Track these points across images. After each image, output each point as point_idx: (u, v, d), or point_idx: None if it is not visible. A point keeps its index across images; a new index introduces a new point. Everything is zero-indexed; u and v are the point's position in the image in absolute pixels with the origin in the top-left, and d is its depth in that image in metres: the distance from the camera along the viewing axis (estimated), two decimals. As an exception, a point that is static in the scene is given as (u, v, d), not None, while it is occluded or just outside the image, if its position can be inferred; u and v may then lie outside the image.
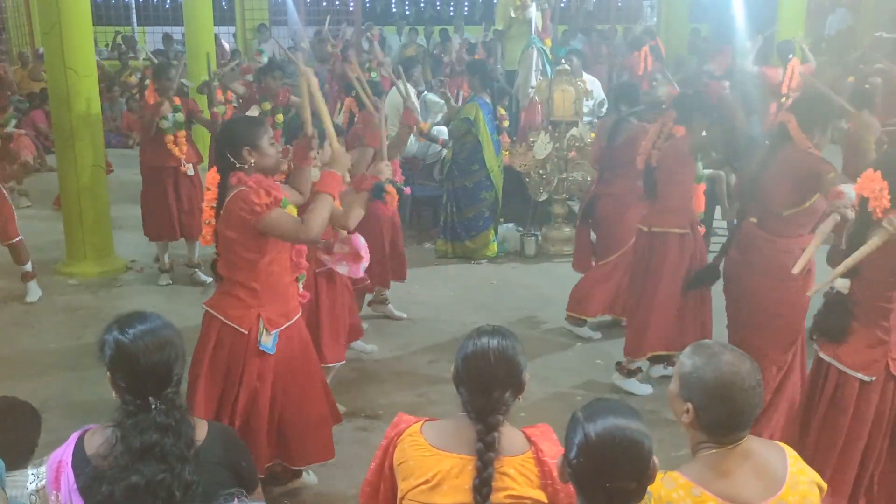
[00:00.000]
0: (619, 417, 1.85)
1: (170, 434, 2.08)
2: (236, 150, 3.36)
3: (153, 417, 2.08)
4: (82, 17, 6.69)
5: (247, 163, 3.36)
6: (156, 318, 2.23)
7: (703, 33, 15.18)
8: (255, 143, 3.38)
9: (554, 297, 6.54)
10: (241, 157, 3.36)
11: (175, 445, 2.08)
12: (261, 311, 3.43)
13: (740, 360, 2.08)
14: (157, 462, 2.05)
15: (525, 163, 7.35)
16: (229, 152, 3.37)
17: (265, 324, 3.43)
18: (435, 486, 2.17)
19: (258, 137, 3.40)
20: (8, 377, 5.14)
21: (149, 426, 2.07)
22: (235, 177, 3.35)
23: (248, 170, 3.36)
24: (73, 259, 6.99)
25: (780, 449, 2.17)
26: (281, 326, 3.50)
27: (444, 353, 5.39)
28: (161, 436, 2.07)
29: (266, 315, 3.44)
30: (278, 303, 3.50)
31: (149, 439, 2.05)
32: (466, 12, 19.01)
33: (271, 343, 3.44)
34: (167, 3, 17.94)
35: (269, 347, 3.44)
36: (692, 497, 2.02)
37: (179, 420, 2.12)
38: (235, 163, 3.36)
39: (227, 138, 3.44)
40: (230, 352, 3.44)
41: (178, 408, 2.14)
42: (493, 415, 2.15)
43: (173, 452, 2.06)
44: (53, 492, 2.13)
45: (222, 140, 3.46)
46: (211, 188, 3.46)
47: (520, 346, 2.24)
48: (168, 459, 2.05)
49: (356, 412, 4.72)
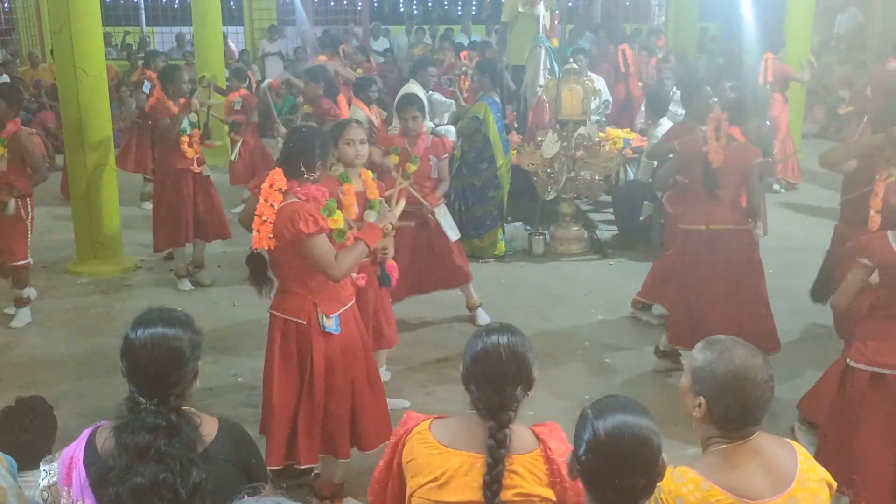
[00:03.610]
0: (629, 414, 1.86)
1: (162, 435, 2.08)
2: (311, 162, 3.54)
3: (143, 418, 2.10)
4: (92, 17, 6.72)
5: (315, 174, 3.56)
6: (173, 321, 2.22)
7: (711, 32, 15.15)
8: (326, 160, 3.66)
9: (561, 295, 6.55)
10: (313, 169, 3.56)
11: (171, 446, 2.08)
12: (315, 300, 3.58)
13: (752, 355, 2.09)
14: (156, 463, 2.06)
15: (533, 162, 7.35)
16: (303, 162, 3.52)
17: (322, 311, 3.58)
18: (444, 484, 2.17)
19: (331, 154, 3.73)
20: (19, 376, 5.17)
21: (140, 427, 2.09)
22: (292, 184, 3.50)
23: (316, 179, 3.58)
24: (82, 258, 7.02)
25: (790, 446, 2.17)
26: (338, 311, 3.64)
27: (452, 351, 5.40)
28: (153, 437, 2.08)
29: (321, 304, 3.59)
30: (331, 291, 3.63)
31: (141, 440, 2.07)
32: (474, 11, 19.00)
33: (334, 324, 3.60)
34: (176, 4, 17.98)
35: (334, 328, 3.59)
36: (701, 491, 2.02)
37: (176, 421, 2.12)
38: (305, 172, 3.53)
39: (305, 150, 3.55)
40: (297, 343, 3.60)
41: (175, 409, 2.14)
42: (504, 411, 2.16)
43: (170, 453, 2.07)
44: (65, 488, 2.15)
45: (300, 148, 3.56)
46: (274, 190, 3.49)
47: (528, 343, 2.24)
48: (166, 460, 2.06)
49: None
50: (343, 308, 3.68)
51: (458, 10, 19.56)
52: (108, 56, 9.73)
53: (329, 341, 3.61)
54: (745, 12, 10.54)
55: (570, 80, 7.43)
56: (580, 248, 7.59)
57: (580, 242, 7.63)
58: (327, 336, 3.60)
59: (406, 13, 18.93)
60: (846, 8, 15.08)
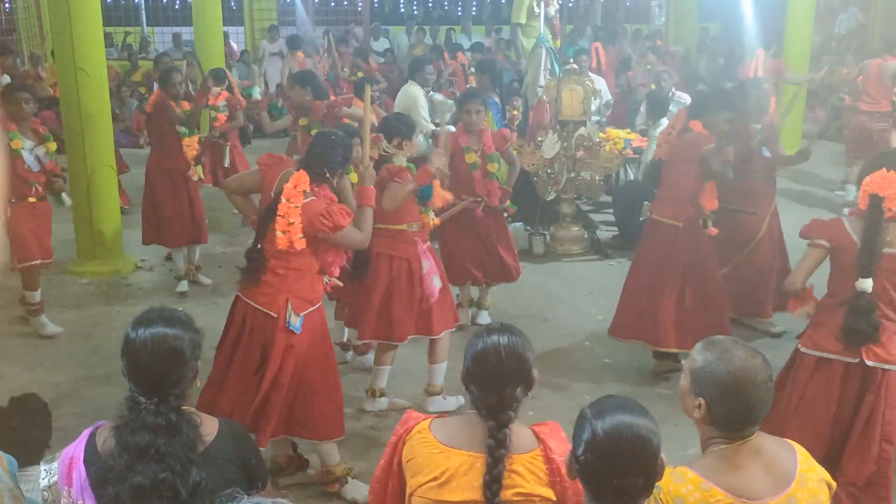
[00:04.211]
0: (628, 414, 1.86)
1: (162, 434, 2.09)
2: (334, 169, 3.78)
3: (143, 417, 2.10)
4: (92, 17, 6.72)
5: (335, 179, 3.79)
6: (174, 320, 2.23)
7: (711, 32, 15.15)
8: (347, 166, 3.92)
9: (562, 295, 6.55)
10: (334, 174, 3.78)
11: (170, 445, 2.08)
12: (289, 296, 3.71)
13: (752, 355, 2.09)
14: (156, 463, 2.06)
15: (533, 162, 7.35)
16: (328, 167, 3.73)
17: (293, 307, 3.70)
18: (444, 483, 2.17)
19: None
20: (18, 375, 5.18)
21: (139, 426, 2.09)
22: (313, 185, 3.69)
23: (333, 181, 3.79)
24: (83, 258, 7.03)
25: (790, 446, 2.17)
26: (306, 311, 3.76)
27: (452, 351, 5.38)
28: (153, 436, 2.08)
29: (293, 300, 3.72)
30: (305, 290, 3.77)
31: (141, 439, 2.07)
32: (474, 12, 19.02)
33: (298, 324, 3.72)
34: (176, 4, 18.00)
35: (297, 327, 3.72)
36: (701, 492, 2.02)
37: (175, 421, 2.12)
38: (329, 176, 3.75)
39: (331, 157, 3.76)
40: (261, 333, 3.74)
41: (175, 409, 2.14)
42: (504, 411, 2.16)
43: (170, 453, 2.08)
44: (66, 487, 2.15)
45: (327, 154, 3.75)
46: (298, 191, 3.63)
47: (529, 344, 2.25)
48: (166, 460, 2.07)
49: (366, 410, 4.74)
50: (310, 308, 3.78)
51: (458, 11, 19.58)
52: (109, 56, 9.74)
53: (290, 339, 3.72)
54: (746, 12, 10.55)
55: (570, 80, 7.43)
56: (580, 249, 7.60)
57: (580, 243, 7.63)
58: (289, 334, 3.71)
59: (406, 14, 18.95)
60: (847, 8, 15.08)
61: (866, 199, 3.41)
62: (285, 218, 3.58)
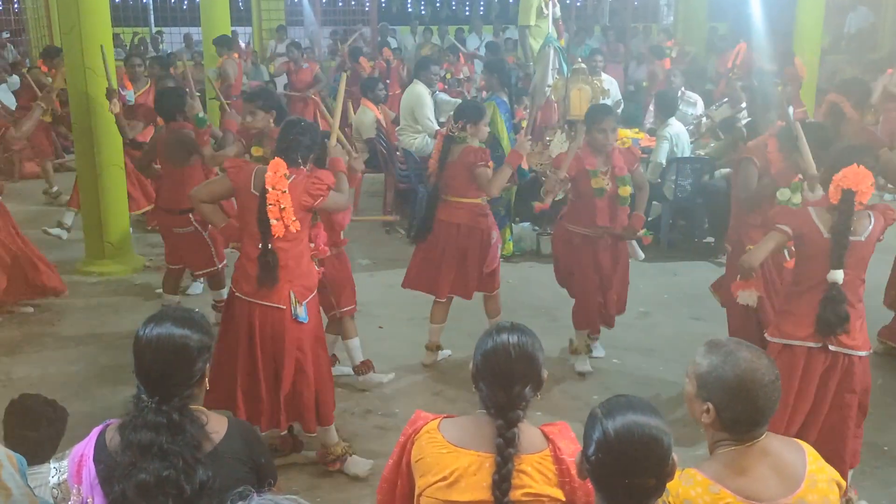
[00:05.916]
0: (639, 414, 1.85)
1: (164, 432, 2.09)
2: (306, 154, 3.93)
3: (145, 415, 2.10)
4: (101, 17, 6.74)
5: (308, 165, 3.94)
6: (185, 320, 2.21)
7: (720, 31, 15.10)
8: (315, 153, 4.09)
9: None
10: (307, 160, 3.93)
11: (173, 443, 2.08)
12: (292, 287, 3.85)
13: (757, 357, 2.08)
14: (160, 460, 2.06)
15: (541, 162, 7.33)
16: (301, 154, 3.88)
17: (296, 297, 3.84)
18: (452, 483, 2.17)
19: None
20: (28, 375, 5.20)
21: (142, 424, 2.09)
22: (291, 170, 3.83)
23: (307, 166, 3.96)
24: (92, 258, 7.05)
25: (798, 447, 2.16)
26: (307, 298, 3.92)
27: (461, 351, 5.39)
28: (156, 434, 2.08)
29: (295, 289, 3.86)
30: (305, 277, 3.93)
31: (143, 437, 2.07)
32: (482, 12, 19.01)
33: (304, 313, 3.86)
34: (185, 4, 18.03)
35: (303, 317, 3.85)
36: (710, 494, 2.01)
37: (178, 420, 2.11)
38: (301, 163, 3.89)
39: (302, 143, 3.89)
40: (271, 327, 3.84)
41: (178, 408, 2.14)
42: (513, 410, 2.15)
43: (173, 451, 2.07)
44: (75, 485, 2.15)
45: (299, 140, 3.89)
46: (280, 176, 3.74)
47: (538, 343, 2.24)
48: (169, 458, 2.06)
49: (374, 409, 4.74)
50: (311, 296, 3.95)
51: (466, 11, 19.57)
52: (118, 56, 9.76)
53: (300, 329, 3.87)
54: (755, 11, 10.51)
55: (578, 80, 7.42)
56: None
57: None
58: (298, 323, 3.85)
59: (413, 14, 18.95)
60: (857, 7, 15.00)
61: (839, 193, 3.45)
62: (276, 206, 3.72)
